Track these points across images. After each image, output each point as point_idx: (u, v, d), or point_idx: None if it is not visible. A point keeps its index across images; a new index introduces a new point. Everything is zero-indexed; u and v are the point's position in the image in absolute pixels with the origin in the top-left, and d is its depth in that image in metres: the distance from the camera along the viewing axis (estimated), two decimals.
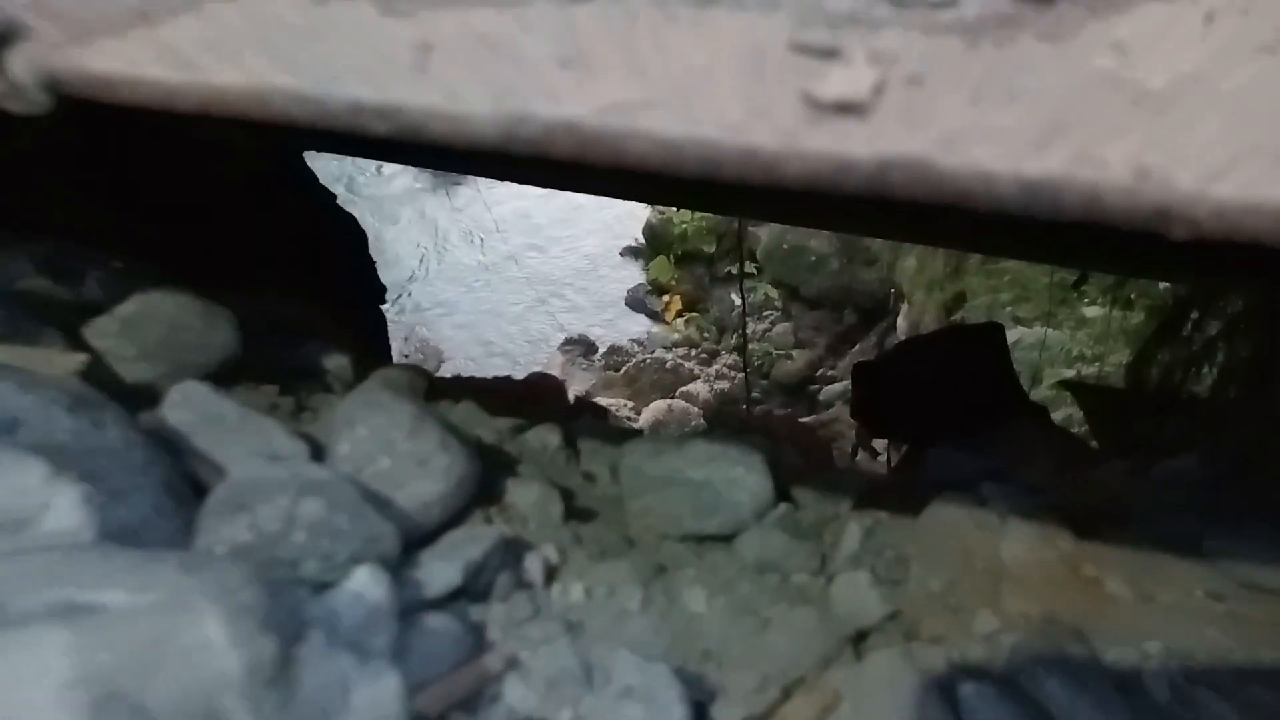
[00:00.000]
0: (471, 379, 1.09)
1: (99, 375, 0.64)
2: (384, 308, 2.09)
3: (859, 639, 0.53)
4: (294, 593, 0.39)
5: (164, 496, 0.49)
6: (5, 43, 0.39)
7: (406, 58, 0.36)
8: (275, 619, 0.33)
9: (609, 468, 0.73)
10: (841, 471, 0.71)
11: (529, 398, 1.03)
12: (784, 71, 0.33)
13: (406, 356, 5.08)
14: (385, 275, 2.02)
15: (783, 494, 0.70)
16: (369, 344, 1.60)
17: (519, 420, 0.80)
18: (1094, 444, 1.95)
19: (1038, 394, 2.95)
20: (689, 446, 0.67)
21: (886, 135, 0.31)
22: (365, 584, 0.43)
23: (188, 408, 0.56)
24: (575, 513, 0.63)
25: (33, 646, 0.29)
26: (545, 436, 0.73)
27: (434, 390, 0.84)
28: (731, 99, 0.33)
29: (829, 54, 0.33)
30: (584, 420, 0.83)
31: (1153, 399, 1.99)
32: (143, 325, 0.66)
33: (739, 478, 0.65)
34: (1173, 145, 0.31)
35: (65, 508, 0.44)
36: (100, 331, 0.66)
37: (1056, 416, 2.38)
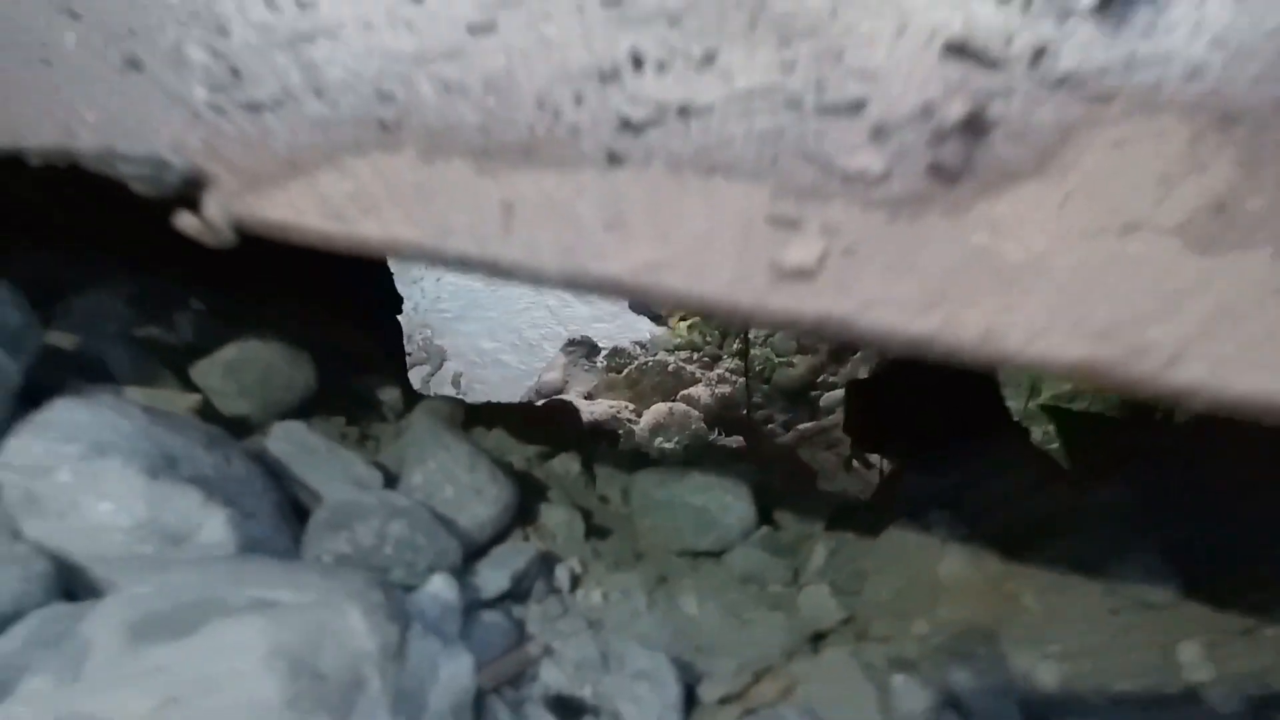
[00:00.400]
0: (497, 406, 1.22)
1: (207, 411, 0.78)
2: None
3: (818, 638, 0.67)
4: (397, 593, 0.52)
5: (278, 516, 0.63)
6: (199, 188, 0.53)
7: (496, 216, 0.49)
8: (393, 612, 0.47)
9: (621, 490, 0.87)
10: (819, 494, 0.83)
11: (549, 422, 1.16)
12: (761, 240, 0.46)
13: (409, 355, 5.20)
14: None
15: (766, 516, 0.83)
16: (390, 353, 1.74)
17: (544, 447, 0.93)
18: (1066, 464, 2.08)
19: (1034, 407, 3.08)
20: (689, 477, 0.80)
21: (824, 297, 0.45)
22: (440, 587, 0.56)
23: (287, 441, 0.70)
24: (594, 530, 0.76)
25: (240, 629, 0.42)
26: (568, 464, 0.87)
27: (469, 418, 0.98)
28: (724, 264, 0.47)
29: (792, 225, 0.47)
30: (600, 447, 0.97)
31: (1130, 421, 2.11)
32: (242, 368, 0.80)
33: (729, 504, 0.78)
34: (1011, 311, 0.44)
35: (214, 526, 0.57)
36: (205, 373, 0.80)
37: (1037, 434, 2.51)
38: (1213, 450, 0.94)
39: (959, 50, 0.57)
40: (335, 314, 1.21)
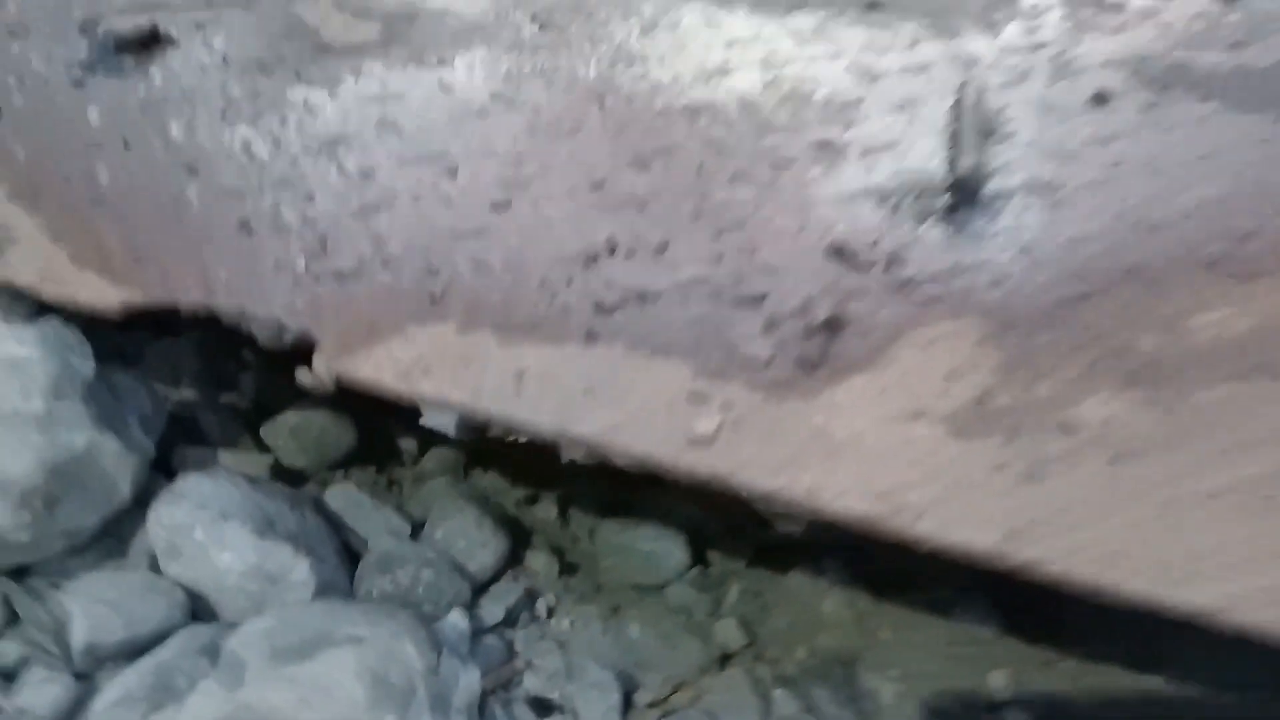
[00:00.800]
0: (490, 449, 1.47)
1: (275, 465, 1.01)
2: None
3: (725, 658, 0.92)
4: (431, 626, 0.77)
5: (338, 559, 0.87)
6: (309, 348, 0.76)
7: (511, 382, 0.73)
8: (432, 641, 0.71)
9: (589, 531, 1.11)
10: (747, 536, 1.06)
11: (533, 460, 1.40)
12: (681, 412, 0.70)
13: None
14: None
15: (700, 557, 1.08)
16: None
17: (529, 490, 1.17)
18: None
19: None
20: (642, 527, 1.05)
21: (715, 460, 0.69)
22: (456, 619, 0.81)
23: (342, 499, 0.94)
24: (566, 567, 1.01)
25: (340, 655, 0.66)
26: (548, 508, 1.11)
27: (469, 459, 1.22)
28: (656, 429, 0.70)
29: (703, 400, 0.71)
30: (577, 485, 1.21)
31: None
32: (302, 431, 1.03)
33: (670, 550, 1.03)
34: (829, 476, 0.68)
35: (301, 570, 0.81)
36: (273, 434, 1.03)
37: None
38: None
39: (839, 252, 0.80)
40: None
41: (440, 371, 0.75)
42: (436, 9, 0.93)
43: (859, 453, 0.68)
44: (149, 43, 1.01)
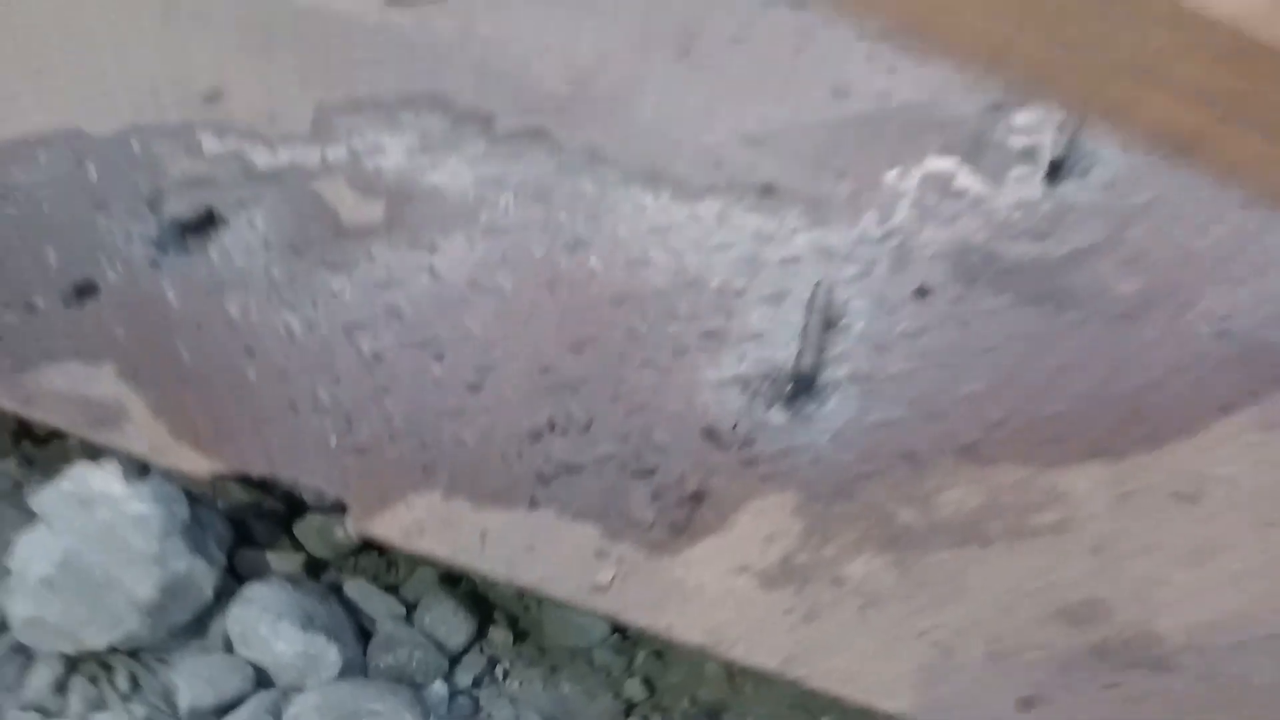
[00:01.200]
0: None
1: (307, 559, 1.36)
2: None
3: (630, 708, 1.29)
4: (422, 694, 1.12)
5: (355, 641, 1.23)
6: (340, 511, 1.10)
7: (478, 541, 1.08)
8: (424, 707, 1.07)
9: (537, 601, 1.47)
10: None
11: None
12: (589, 565, 1.05)
13: None
14: None
15: (618, 626, 1.45)
16: None
17: None
18: None
19: None
20: None
21: (610, 602, 1.04)
22: (439, 687, 1.17)
23: (357, 590, 1.29)
24: (519, 634, 1.37)
25: None
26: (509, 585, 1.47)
27: None
28: (572, 578, 1.05)
29: (604, 555, 1.06)
30: None
31: None
32: (325, 529, 1.37)
33: (595, 621, 1.40)
34: (680, 615, 1.04)
35: (331, 653, 1.17)
36: (304, 533, 1.37)
37: None
38: None
39: (709, 433, 1.15)
40: None
41: (430, 532, 1.09)
42: (429, 187, 1.12)
43: (701, 599, 1.05)
44: (206, 224, 1.16)
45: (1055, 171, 1.08)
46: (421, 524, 1.08)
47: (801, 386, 1.09)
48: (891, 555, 1.06)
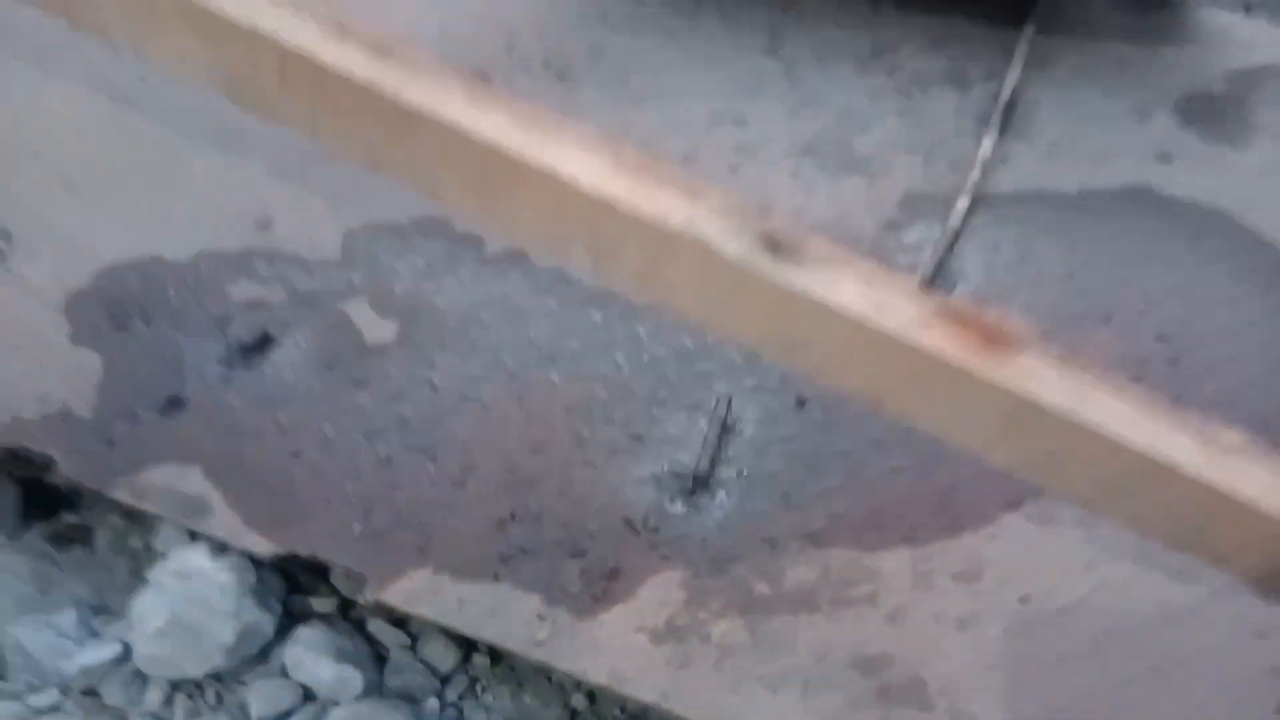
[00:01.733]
0: None
1: (341, 600, 1.83)
2: None
3: (574, 714, 1.75)
4: (421, 707, 1.59)
5: (374, 668, 1.69)
6: (361, 583, 1.56)
7: (455, 607, 1.53)
8: (424, 719, 1.54)
9: None
10: None
11: None
12: (533, 625, 1.50)
13: None
14: None
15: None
16: None
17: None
18: None
19: None
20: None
21: (545, 654, 1.49)
22: (433, 704, 1.63)
23: (376, 627, 1.76)
24: (495, 659, 1.83)
25: None
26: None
27: None
28: (522, 636, 1.51)
29: (543, 619, 1.51)
30: None
31: None
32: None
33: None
34: (582, 663, 1.48)
35: (357, 680, 1.63)
36: (338, 579, 1.84)
37: None
38: None
39: (628, 522, 1.59)
40: None
41: (423, 600, 1.53)
42: (431, 307, 1.41)
43: (608, 651, 1.48)
44: (263, 343, 1.47)
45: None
46: (417, 593, 1.54)
47: (700, 483, 1.50)
48: (745, 619, 1.49)
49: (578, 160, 0.45)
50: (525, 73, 1.55)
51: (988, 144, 1.60)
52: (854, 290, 0.45)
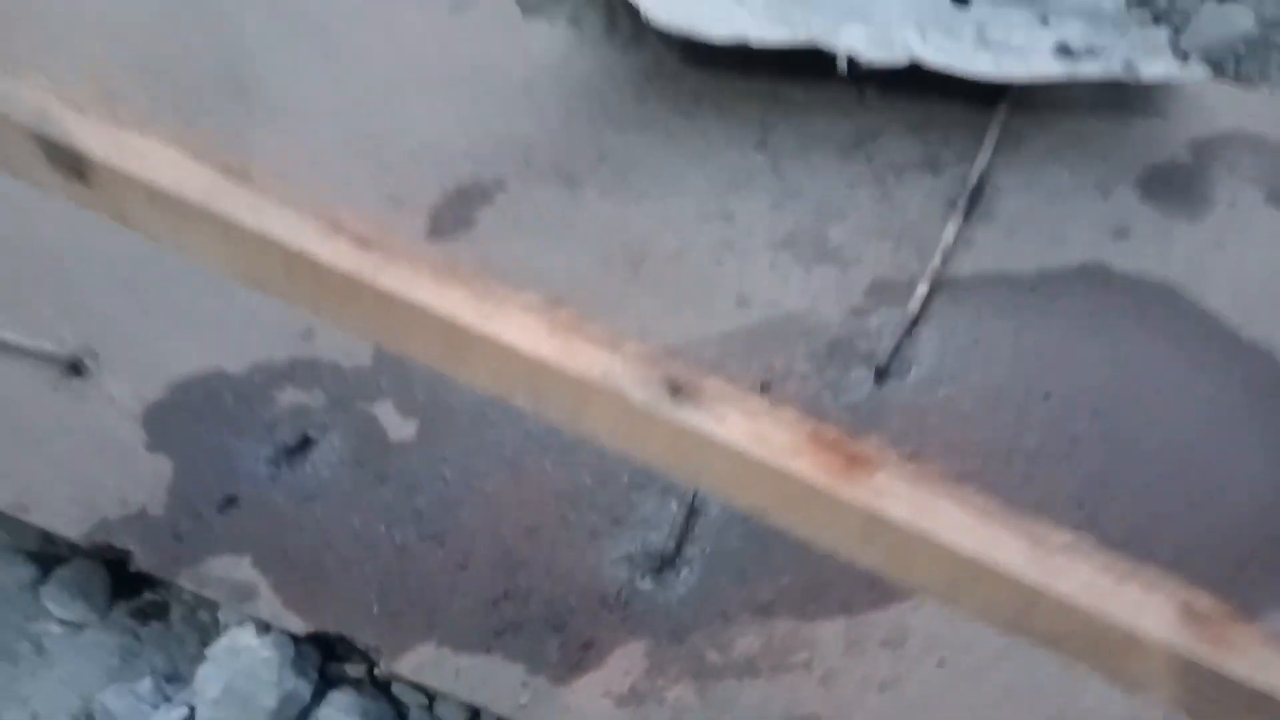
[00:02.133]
0: None
1: (369, 665, 2.13)
2: None
3: None
4: None
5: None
6: (377, 656, 1.86)
7: (453, 675, 1.82)
8: None
9: None
10: None
11: None
12: (517, 692, 1.78)
13: None
14: None
15: None
16: None
17: None
18: None
19: None
20: None
21: (528, 713, 1.77)
22: None
23: (399, 689, 2.06)
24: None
25: None
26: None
27: None
28: (508, 700, 1.79)
29: (524, 686, 1.79)
30: None
31: None
32: None
33: None
34: None
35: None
36: None
37: None
38: None
39: (602, 599, 1.87)
40: None
41: (430, 670, 1.78)
42: (447, 405, 1.65)
43: (579, 713, 1.75)
44: (304, 445, 1.69)
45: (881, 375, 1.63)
46: (423, 664, 1.83)
47: (667, 562, 1.74)
48: (697, 684, 1.71)
49: (519, 325, 0.56)
50: (540, 180, 1.73)
51: (950, 230, 1.77)
52: (738, 424, 0.54)
